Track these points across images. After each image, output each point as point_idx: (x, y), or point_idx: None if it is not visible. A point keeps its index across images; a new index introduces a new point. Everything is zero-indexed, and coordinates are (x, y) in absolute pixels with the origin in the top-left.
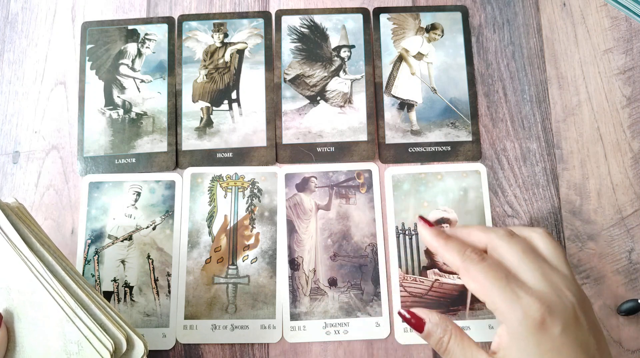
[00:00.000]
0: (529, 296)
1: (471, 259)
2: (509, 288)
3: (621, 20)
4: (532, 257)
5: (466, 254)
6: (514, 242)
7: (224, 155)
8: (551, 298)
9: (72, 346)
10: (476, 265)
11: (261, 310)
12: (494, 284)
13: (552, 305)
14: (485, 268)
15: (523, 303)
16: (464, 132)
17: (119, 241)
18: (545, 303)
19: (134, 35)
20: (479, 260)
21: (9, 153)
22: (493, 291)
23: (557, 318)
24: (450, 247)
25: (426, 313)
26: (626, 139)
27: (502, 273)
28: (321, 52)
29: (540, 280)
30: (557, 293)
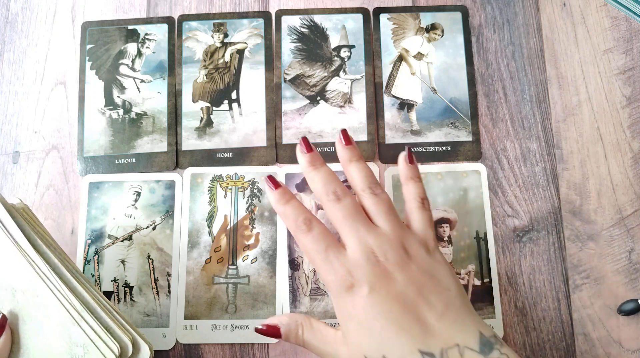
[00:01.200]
0: (341, 268)
1: (301, 229)
2: (327, 259)
3: (621, 20)
4: (351, 221)
5: (297, 223)
6: (338, 207)
7: (224, 155)
8: (360, 263)
9: (78, 349)
10: (305, 236)
11: (261, 310)
12: (317, 256)
13: (359, 270)
14: (310, 239)
15: (337, 274)
16: (464, 132)
17: (119, 241)
18: (352, 272)
19: (134, 35)
20: (307, 230)
21: (9, 153)
22: (316, 261)
23: (363, 282)
24: (287, 213)
25: (276, 319)
26: (626, 139)
27: (324, 245)
28: (321, 52)
29: (353, 245)
30: (367, 256)
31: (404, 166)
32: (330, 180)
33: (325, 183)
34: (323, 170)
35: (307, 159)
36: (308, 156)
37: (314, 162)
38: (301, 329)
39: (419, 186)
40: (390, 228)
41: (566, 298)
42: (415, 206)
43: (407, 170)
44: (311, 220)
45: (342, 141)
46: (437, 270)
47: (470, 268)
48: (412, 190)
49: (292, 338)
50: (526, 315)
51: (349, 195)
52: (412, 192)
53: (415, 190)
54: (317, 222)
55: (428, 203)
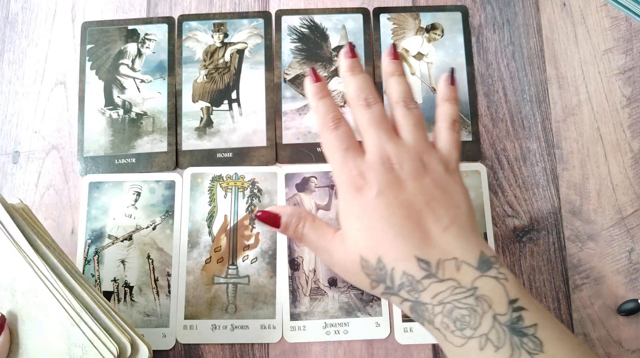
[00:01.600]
0: (355, 169)
1: (327, 126)
2: (344, 159)
3: (621, 20)
4: (375, 128)
5: (326, 119)
6: (365, 112)
7: (224, 155)
8: (374, 167)
9: (77, 349)
10: (329, 133)
11: (261, 310)
12: (335, 153)
13: (372, 173)
14: (333, 137)
15: (350, 173)
16: (464, 132)
17: (119, 241)
18: (364, 174)
19: (134, 35)
20: (333, 128)
21: (9, 153)
22: (334, 158)
23: (373, 185)
24: (319, 108)
25: (279, 208)
26: (626, 139)
27: (345, 144)
28: (321, 52)
29: (372, 150)
30: (382, 162)
31: (444, 86)
32: (364, 87)
33: (358, 88)
34: (360, 76)
35: (348, 64)
36: (349, 61)
37: (353, 68)
38: (302, 223)
39: (454, 108)
40: (414, 140)
41: (566, 298)
42: (445, 126)
43: (446, 91)
44: (340, 119)
45: (391, 54)
46: (452, 188)
47: None
48: (446, 111)
49: (290, 229)
50: None
51: (379, 103)
52: (445, 112)
53: (449, 111)
54: (345, 122)
55: (459, 125)
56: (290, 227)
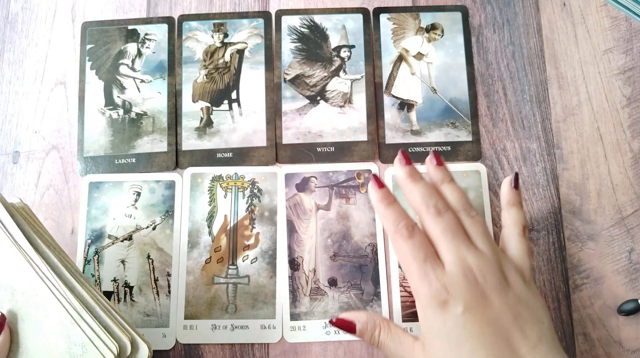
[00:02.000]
0: (437, 281)
1: (401, 234)
2: (424, 270)
3: (621, 20)
4: (451, 237)
5: (399, 227)
6: (439, 221)
7: (224, 155)
8: (458, 281)
9: (77, 348)
10: (405, 241)
11: (261, 310)
12: (413, 263)
13: (456, 287)
14: (410, 246)
15: (431, 286)
16: (464, 132)
17: (119, 241)
18: (448, 288)
19: (134, 35)
20: (408, 236)
21: (9, 153)
22: (411, 269)
23: (459, 300)
24: (388, 215)
25: (354, 315)
26: (626, 139)
27: (423, 254)
28: (321, 52)
29: (453, 261)
30: (466, 274)
31: (508, 191)
32: (430, 194)
33: (424, 196)
34: (422, 184)
35: (407, 171)
36: (407, 169)
37: (414, 175)
38: (378, 330)
39: (522, 213)
40: (489, 250)
41: (566, 298)
42: (516, 233)
43: (511, 195)
44: (414, 227)
45: (434, 161)
46: (533, 301)
47: None
48: (515, 216)
49: (366, 336)
50: None
51: (450, 210)
52: (514, 218)
53: (518, 217)
54: (419, 230)
55: (528, 231)
56: (366, 334)
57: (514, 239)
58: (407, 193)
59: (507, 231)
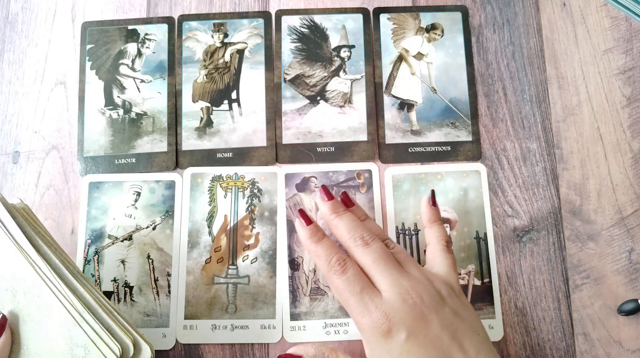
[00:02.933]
0: (377, 310)
1: (334, 270)
2: (362, 302)
3: (621, 20)
4: (383, 265)
5: (331, 263)
6: (367, 251)
7: (224, 155)
8: (397, 306)
9: (79, 350)
10: (338, 277)
11: (261, 310)
12: (351, 298)
13: (396, 314)
14: (344, 281)
15: (372, 317)
16: (464, 132)
17: (119, 241)
18: (389, 315)
19: (134, 35)
20: (341, 272)
21: (9, 153)
22: (350, 303)
23: (401, 326)
24: (319, 253)
25: (302, 349)
26: (626, 139)
27: (359, 286)
28: (321, 52)
29: (389, 287)
30: (403, 298)
31: (427, 209)
32: (354, 226)
33: (349, 229)
34: (346, 216)
35: (329, 206)
36: (329, 204)
37: (336, 209)
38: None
39: (443, 228)
40: (419, 271)
41: (566, 298)
42: (440, 248)
43: (430, 212)
44: (345, 260)
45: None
46: (467, 313)
47: (470, 268)
48: (437, 233)
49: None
50: (526, 315)
51: (376, 240)
52: (436, 235)
53: (439, 233)
54: (351, 263)
55: (451, 245)
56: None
57: (439, 255)
58: (333, 228)
59: (432, 248)
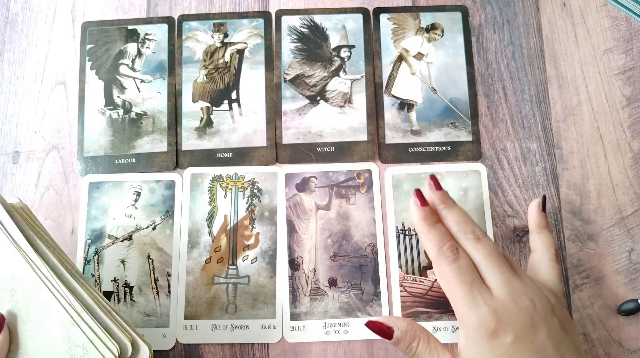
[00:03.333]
0: (486, 306)
1: (445, 256)
2: (471, 294)
3: (621, 20)
4: (495, 262)
5: (442, 249)
6: (479, 246)
7: (224, 155)
8: (507, 306)
9: (77, 350)
10: (449, 264)
11: (261, 310)
12: (459, 288)
13: (506, 314)
14: (455, 270)
15: (480, 312)
16: (464, 132)
17: (119, 241)
18: (499, 314)
19: (134, 35)
20: (452, 259)
21: (9, 153)
22: (457, 293)
23: (509, 328)
24: (431, 236)
25: (394, 321)
26: (626, 139)
27: (469, 278)
28: (321, 52)
29: (501, 286)
30: (515, 300)
31: (537, 214)
32: (467, 220)
33: (462, 221)
34: (457, 208)
35: (439, 195)
36: (440, 193)
37: (447, 200)
38: (417, 341)
39: (551, 236)
40: (528, 277)
41: (566, 298)
42: (549, 257)
43: (539, 218)
44: (458, 249)
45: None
46: (571, 328)
47: None
48: (546, 240)
49: (403, 345)
50: None
51: (487, 236)
52: (546, 242)
53: (549, 240)
54: (463, 253)
55: (559, 254)
56: (403, 342)
57: (547, 263)
58: (443, 218)
59: (539, 256)
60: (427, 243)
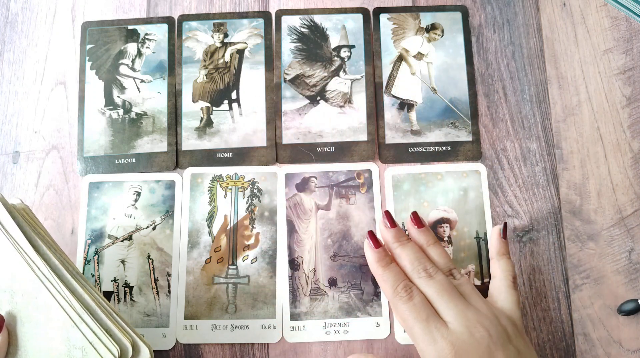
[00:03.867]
0: (443, 340)
1: (400, 296)
2: (428, 330)
3: (621, 20)
4: (447, 297)
5: (397, 290)
6: (431, 283)
7: (224, 155)
8: (463, 338)
9: (76, 351)
10: (404, 304)
11: (261, 310)
12: (416, 325)
13: (463, 345)
14: (410, 308)
15: (437, 346)
16: (464, 132)
17: (119, 241)
18: (455, 347)
19: (134, 35)
20: (407, 299)
21: (9, 153)
22: (415, 330)
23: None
24: (386, 278)
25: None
26: (626, 139)
27: (424, 314)
28: (321, 52)
29: (456, 318)
30: (471, 331)
31: (497, 241)
32: (417, 256)
33: (412, 260)
34: (409, 246)
35: (392, 234)
36: (392, 232)
37: (399, 238)
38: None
39: (511, 263)
40: (484, 305)
41: (566, 298)
42: (506, 284)
43: (500, 245)
44: (412, 287)
45: (415, 225)
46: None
47: (470, 268)
48: (505, 267)
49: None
50: (526, 315)
51: (439, 272)
52: (504, 269)
53: (508, 267)
54: (416, 289)
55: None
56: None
57: (505, 291)
58: (396, 257)
59: (498, 283)
60: (382, 284)
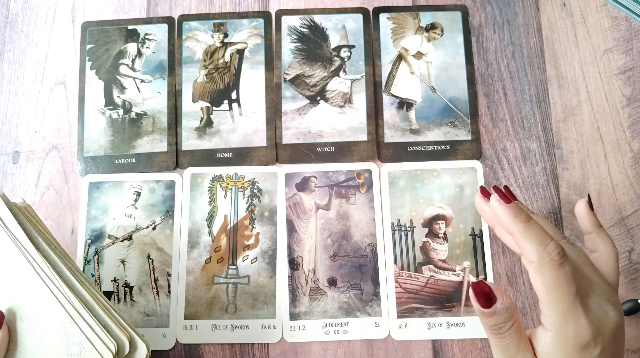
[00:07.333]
0: (585, 319)
1: (551, 259)
2: (573, 306)
3: (621, 20)
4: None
5: (547, 251)
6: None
7: (224, 155)
8: (600, 320)
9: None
10: (554, 270)
11: (261, 310)
12: (563, 298)
13: (598, 329)
14: (561, 277)
15: (579, 324)
16: (463, 131)
17: (119, 241)
18: (594, 329)
19: (134, 35)
20: (558, 264)
21: (9, 153)
22: (559, 303)
23: (600, 341)
24: (531, 235)
25: (501, 292)
26: (626, 139)
27: (574, 289)
28: (321, 52)
29: (596, 299)
30: (605, 313)
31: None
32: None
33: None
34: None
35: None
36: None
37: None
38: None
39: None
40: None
41: None
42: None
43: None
44: (564, 251)
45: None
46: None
47: (465, 265)
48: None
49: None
50: (526, 315)
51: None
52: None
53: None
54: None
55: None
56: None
57: (612, 264)
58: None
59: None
60: (525, 244)
